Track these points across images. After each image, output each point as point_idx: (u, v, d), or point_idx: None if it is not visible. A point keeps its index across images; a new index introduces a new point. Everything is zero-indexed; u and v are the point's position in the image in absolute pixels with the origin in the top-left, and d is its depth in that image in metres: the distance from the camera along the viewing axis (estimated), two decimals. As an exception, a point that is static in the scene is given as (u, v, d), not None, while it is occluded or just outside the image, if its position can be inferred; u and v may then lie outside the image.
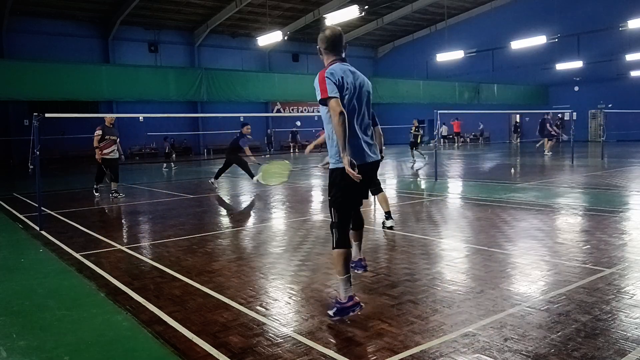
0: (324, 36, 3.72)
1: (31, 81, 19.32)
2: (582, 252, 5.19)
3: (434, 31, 38.48)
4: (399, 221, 7.54)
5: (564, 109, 28.74)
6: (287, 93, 27.83)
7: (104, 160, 10.79)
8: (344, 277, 3.51)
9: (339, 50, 3.73)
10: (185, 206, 9.88)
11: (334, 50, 3.71)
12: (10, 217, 8.80)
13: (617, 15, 26.17)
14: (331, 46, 3.71)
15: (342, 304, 3.48)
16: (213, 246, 6.14)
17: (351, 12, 18.90)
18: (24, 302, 4.25)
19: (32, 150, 7.55)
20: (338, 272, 3.56)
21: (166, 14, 29.77)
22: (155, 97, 23.85)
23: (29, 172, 8.26)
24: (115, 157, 10.97)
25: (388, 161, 20.60)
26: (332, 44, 3.70)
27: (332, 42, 3.70)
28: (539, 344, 3.04)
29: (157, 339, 3.34)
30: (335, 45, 3.71)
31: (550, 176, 12.99)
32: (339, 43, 3.71)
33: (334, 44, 3.70)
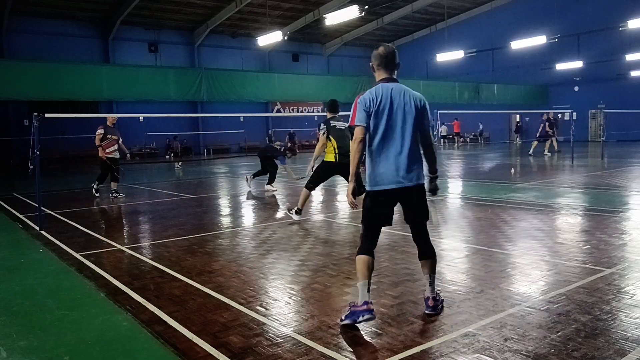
0: (377, 53, 3.64)
1: (31, 81, 19.34)
2: (582, 252, 5.19)
3: (434, 31, 38.48)
4: (398, 221, 7.54)
5: (564, 109, 28.75)
6: (287, 93, 27.86)
7: (108, 159, 10.89)
8: (361, 283, 3.50)
9: (390, 69, 3.65)
10: (185, 206, 9.88)
11: (385, 68, 3.64)
12: (10, 217, 8.80)
13: (617, 15, 26.16)
14: (383, 64, 3.63)
15: (355, 307, 3.44)
16: (213, 246, 6.14)
17: (351, 12, 18.91)
18: (24, 302, 4.25)
19: (32, 150, 7.56)
20: (358, 277, 3.56)
21: (166, 14, 29.75)
22: (155, 97, 23.87)
23: (29, 172, 8.27)
24: (117, 157, 11.05)
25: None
26: (383, 62, 3.62)
27: (384, 59, 3.62)
28: (539, 344, 3.04)
29: (157, 339, 3.34)
30: (387, 64, 3.63)
31: (550, 176, 12.99)
32: (391, 61, 3.63)
33: (386, 61, 3.62)
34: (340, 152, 7.20)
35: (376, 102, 3.53)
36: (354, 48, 41.24)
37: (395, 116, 3.55)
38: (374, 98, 3.55)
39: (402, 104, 3.56)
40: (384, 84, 3.61)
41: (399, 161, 3.55)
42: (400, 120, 3.56)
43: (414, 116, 3.57)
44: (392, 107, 3.55)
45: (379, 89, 3.59)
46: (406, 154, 3.56)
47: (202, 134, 33.26)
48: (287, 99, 30.89)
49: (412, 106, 3.58)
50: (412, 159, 3.58)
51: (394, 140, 3.57)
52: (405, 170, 3.56)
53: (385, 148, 3.57)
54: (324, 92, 28.87)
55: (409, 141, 3.57)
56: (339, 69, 39.20)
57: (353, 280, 4.45)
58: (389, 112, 3.54)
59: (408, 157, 3.56)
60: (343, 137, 7.24)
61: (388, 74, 3.65)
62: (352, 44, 40.31)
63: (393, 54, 3.63)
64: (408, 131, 3.57)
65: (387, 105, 3.54)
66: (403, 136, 3.56)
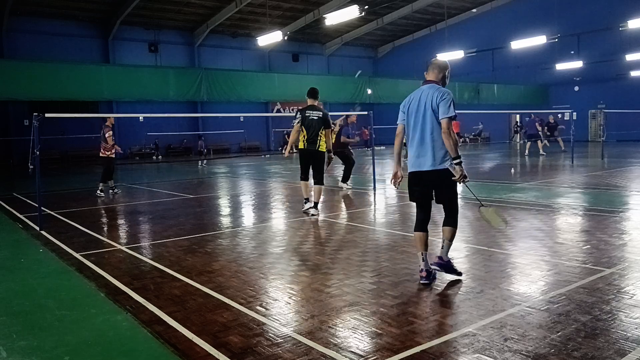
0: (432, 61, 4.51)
1: (31, 81, 19.34)
2: (582, 252, 5.19)
3: (434, 31, 38.48)
4: (399, 221, 7.54)
5: (564, 109, 28.75)
6: (287, 93, 27.85)
7: (110, 159, 11.50)
8: (419, 253, 4.33)
9: (427, 73, 4.42)
10: (185, 206, 9.88)
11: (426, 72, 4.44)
12: (10, 217, 8.80)
13: (617, 15, 26.17)
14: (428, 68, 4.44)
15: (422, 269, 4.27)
16: (213, 246, 6.14)
17: (351, 12, 18.89)
18: (24, 302, 4.25)
19: (32, 150, 7.55)
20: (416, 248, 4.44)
21: (166, 14, 29.75)
22: (155, 97, 23.87)
23: (29, 172, 8.27)
24: (114, 156, 11.73)
25: (387, 161, 20.61)
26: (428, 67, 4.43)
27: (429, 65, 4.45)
28: (539, 344, 3.04)
29: (157, 339, 3.34)
30: (427, 68, 4.44)
31: (550, 176, 12.99)
32: (428, 66, 4.43)
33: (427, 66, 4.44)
34: (309, 140, 7.96)
35: (407, 102, 4.41)
36: (354, 48, 41.25)
37: (417, 112, 4.29)
38: (407, 99, 4.42)
39: (421, 101, 4.27)
40: (421, 87, 4.37)
41: (419, 149, 4.29)
42: (421, 116, 4.26)
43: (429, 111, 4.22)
44: (415, 105, 4.31)
45: (415, 91, 4.41)
46: (424, 143, 4.26)
47: (202, 134, 33.28)
48: (287, 99, 30.88)
49: (429, 103, 4.21)
50: (429, 148, 4.24)
51: (415, 132, 4.32)
52: (421, 157, 4.28)
53: (411, 138, 4.37)
54: (324, 92, 28.74)
55: (425, 132, 4.25)
56: (339, 69, 39.20)
57: (353, 280, 4.45)
58: (414, 109, 4.32)
59: (426, 145, 4.25)
60: (313, 126, 7.97)
61: (427, 77, 4.41)
62: (352, 44, 40.31)
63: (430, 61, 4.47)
64: (426, 124, 4.24)
65: (413, 104, 4.33)
66: (422, 128, 4.26)
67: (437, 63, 4.42)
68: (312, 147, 7.95)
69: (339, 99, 29.09)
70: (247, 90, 25.50)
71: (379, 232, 6.78)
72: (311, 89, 8.36)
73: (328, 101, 32.42)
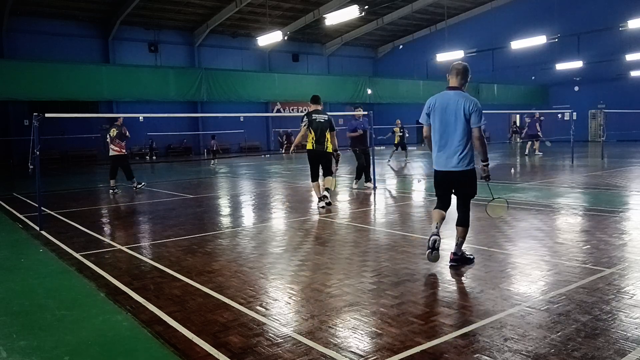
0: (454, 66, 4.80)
1: (31, 81, 19.32)
2: (582, 252, 5.19)
3: (434, 31, 38.48)
4: (399, 221, 7.54)
5: (564, 109, 28.75)
6: (287, 93, 27.84)
7: (125, 155, 12.20)
8: (433, 223, 4.77)
9: (450, 77, 4.75)
10: (185, 206, 9.88)
11: (449, 75, 4.77)
12: (10, 217, 8.80)
13: (617, 15, 26.17)
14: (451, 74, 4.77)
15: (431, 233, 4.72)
16: (213, 246, 6.14)
17: (351, 12, 18.89)
18: (24, 302, 4.25)
19: (32, 150, 7.55)
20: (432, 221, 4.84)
21: (166, 14, 29.75)
22: (155, 97, 23.86)
23: (29, 172, 8.28)
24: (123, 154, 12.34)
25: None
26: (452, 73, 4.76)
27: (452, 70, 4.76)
28: (539, 344, 3.04)
29: (157, 339, 3.34)
30: (450, 72, 4.76)
31: (550, 176, 12.99)
32: (451, 70, 4.75)
33: (450, 71, 4.76)
34: (317, 141, 8.54)
35: (432, 105, 4.72)
36: (354, 48, 41.25)
37: (445, 116, 4.63)
38: (432, 101, 4.73)
39: (452, 108, 4.60)
40: (446, 92, 4.71)
41: (446, 151, 4.68)
42: (452, 121, 4.61)
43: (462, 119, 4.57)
44: (442, 109, 4.64)
45: (440, 94, 4.74)
46: (452, 145, 4.64)
47: (202, 134, 33.28)
48: (287, 99, 30.89)
49: (461, 111, 4.56)
50: (457, 150, 4.62)
51: (442, 134, 4.68)
52: (448, 157, 4.67)
53: (438, 139, 4.71)
54: (324, 92, 28.72)
55: (454, 136, 4.61)
56: (339, 69, 39.21)
57: (353, 280, 4.45)
58: (439, 113, 4.66)
59: (454, 148, 4.63)
60: (320, 128, 8.52)
61: (449, 83, 4.75)
62: (352, 44, 40.31)
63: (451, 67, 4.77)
64: (457, 129, 4.60)
65: (439, 108, 4.65)
66: (451, 132, 4.62)
67: (460, 70, 4.69)
68: (320, 147, 8.57)
69: (339, 99, 29.08)
70: (247, 90, 25.48)
71: (379, 232, 6.78)
72: (314, 96, 8.94)
73: (328, 101, 32.39)
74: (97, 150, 28.91)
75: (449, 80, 4.73)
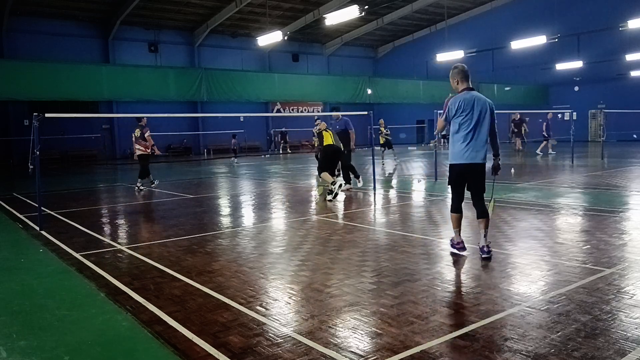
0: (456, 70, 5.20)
1: (31, 81, 19.32)
2: (582, 252, 5.19)
3: (434, 31, 38.47)
4: (399, 221, 7.54)
5: (564, 109, 28.74)
6: (287, 93, 27.84)
7: (148, 155, 12.61)
8: (455, 230, 5.26)
9: (465, 81, 5.20)
10: (185, 206, 9.88)
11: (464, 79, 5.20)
12: (10, 217, 8.80)
13: (617, 15, 26.16)
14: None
15: (454, 244, 5.28)
16: (213, 246, 6.14)
17: (351, 12, 18.88)
18: (24, 302, 4.25)
19: (32, 150, 7.55)
20: (452, 225, 5.30)
21: (166, 14, 29.75)
22: (155, 97, 23.85)
23: (29, 172, 8.28)
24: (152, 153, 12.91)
25: (387, 161, 20.60)
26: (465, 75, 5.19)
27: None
28: (539, 344, 3.04)
29: (157, 339, 3.34)
30: (465, 76, 5.20)
31: (550, 176, 12.99)
32: (467, 74, 5.21)
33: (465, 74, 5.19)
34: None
35: (462, 103, 5.05)
36: (354, 48, 41.24)
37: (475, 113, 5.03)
38: (460, 101, 5.05)
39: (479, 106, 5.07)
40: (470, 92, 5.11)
41: (473, 144, 5.05)
42: (481, 118, 5.06)
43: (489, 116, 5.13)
44: (470, 107, 5.03)
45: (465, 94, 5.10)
46: (480, 139, 5.05)
47: (202, 134, 33.28)
48: (287, 99, 30.90)
49: (486, 109, 5.11)
50: (483, 145, 5.08)
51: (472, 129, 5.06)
52: (477, 151, 5.06)
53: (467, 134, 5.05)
54: (324, 92, 28.91)
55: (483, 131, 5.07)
56: (339, 69, 39.21)
57: (353, 280, 4.45)
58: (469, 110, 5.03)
59: (481, 142, 5.06)
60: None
61: (468, 84, 5.20)
62: (352, 44, 40.31)
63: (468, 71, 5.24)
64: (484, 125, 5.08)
65: (468, 105, 5.03)
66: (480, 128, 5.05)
67: (468, 71, 5.20)
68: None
69: (339, 99, 29.06)
70: (247, 90, 25.47)
71: (379, 232, 6.78)
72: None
73: (328, 101, 32.43)
74: (97, 150, 28.94)
75: (462, 82, 5.15)
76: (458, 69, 5.17)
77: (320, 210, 8.75)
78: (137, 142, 12.57)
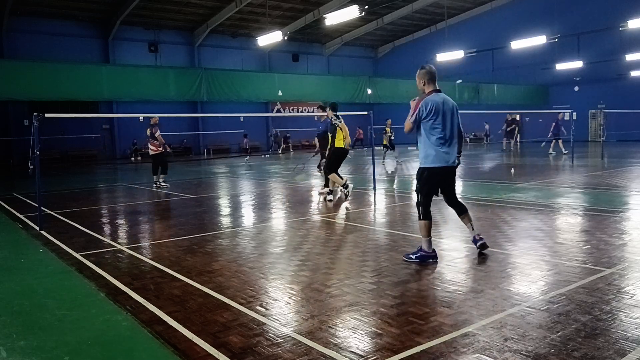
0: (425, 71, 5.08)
1: (31, 81, 19.32)
2: (582, 252, 5.19)
3: (434, 31, 38.47)
4: (399, 221, 7.54)
5: (564, 109, 28.74)
6: (287, 93, 27.84)
7: (160, 154, 12.78)
8: (427, 239, 4.98)
9: (434, 82, 5.07)
10: (185, 206, 9.88)
11: (433, 81, 5.07)
12: (10, 217, 8.80)
13: (617, 15, 26.16)
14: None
15: (426, 252, 4.96)
16: (213, 246, 6.14)
17: (351, 12, 18.89)
18: (24, 302, 4.25)
19: (32, 150, 7.55)
20: (423, 235, 5.01)
21: (166, 14, 29.75)
22: (155, 97, 23.85)
23: (29, 172, 8.28)
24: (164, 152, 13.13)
25: (387, 161, 20.60)
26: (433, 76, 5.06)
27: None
28: (539, 344, 3.04)
29: (157, 339, 3.34)
30: (434, 77, 5.07)
31: (550, 176, 12.98)
32: (435, 74, 5.08)
33: (433, 76, 5.06)
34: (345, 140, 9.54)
35: (435, 105, 4.92)
36: (354, 48, 41.23)
37: (446, 115, 4.96)
38: (433, 102, 4.93)
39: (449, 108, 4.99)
40: (439, 94, 5.01)
41: (448, 147, 5.00)
42: (451, 119, 5.00)
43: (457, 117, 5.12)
44: (441, 108, 4.93)
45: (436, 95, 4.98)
46: (453, 142, 5.04)
47: (202, 134, 33.27)
48: (287, 99, 30.89)
49: (454, 110, 5.06)
50: (455, 146, 5.06)
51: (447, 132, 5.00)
52: (450, 154, 5.01)
53: (444, 137, 4.97)
54: (324, 92, 28.88)
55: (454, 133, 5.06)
56: (339, 69, 39.20)
57: (353, 280, 4.45)
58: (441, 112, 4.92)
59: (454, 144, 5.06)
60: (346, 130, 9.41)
61: (436, 85, 5.05)
62: (352, 44, 40.30)
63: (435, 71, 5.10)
64: (454, 126, 5.06)
65: (439, 108, 4.91)
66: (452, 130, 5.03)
67: (436, 73, 5.08)
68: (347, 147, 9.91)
69: (339, 99, 28.96)
70: (247, 90, 25.47)
71: (379, 232, 6.78)
72: (332, 103, 10.10)
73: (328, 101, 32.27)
74: (97, 150, 28.94)
75: (429, 83, 5.04)
76: (426, 70, 5.06)
77: (320, 210, 8.75)
78: (149, 141, 12.95)
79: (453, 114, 5.02)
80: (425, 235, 4.99)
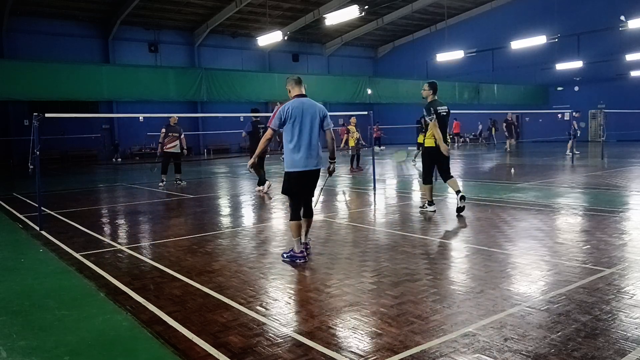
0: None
1: (31, 81, 19.30)
2: (582, 252, 5.19)
3: (434, 31, 38.45)
4: (399, 221, 7.54)
5: (564, 109, 28.74)
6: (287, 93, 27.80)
7: (168, 153, 12.87)
8: (297, 239, 5.15)
9: (301, 87, 5.28)
10: (185, 206, 9.88)
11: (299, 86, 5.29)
12: (10, 217, 8.80)
13: (617, 15, 26.15)
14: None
15: (295, 254, 5.13)
16: (213, 246, 6.14)
17: (351, 12, 18.88)
18: (24, 302, 4.25)
19: (32, 150, 7.55)
20: (292, 235, 5.21)
21: (166, 14, 29.74)
22: (155, 97, 23.84)
23: (29, 172, 8.29)
24: (178, 151, 13.03)
25: (388, 161, 20.60)
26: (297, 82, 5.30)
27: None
28: (539, 344, 3.04)
29: (157, 339, 3.34)
30: (298, 83, 5.29)
31: (550, 176, 12.98)
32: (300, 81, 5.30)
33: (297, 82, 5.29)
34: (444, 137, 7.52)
35: (293, 111, 5.06)
36: (354, 48, 41.22)
37: (305, 120, 5.06)
38: (292, 108, 5.07)
39: (309, 113, 5.09)
40: (300, 99, 5.16)
41: (308, 151, 5.09)
42: (310, 124, 5.07)
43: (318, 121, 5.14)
44: (300, 113, 5.05)
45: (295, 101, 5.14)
46: (312, 146, 5.10)
47: (202, 134, 33.27)
48: (287, 99, 30.84)
49: (317, 114, 5.10)
50: (316, 150, 5.14)
51: (305, 136, 5.08)
52: (311, 158, 5.13)
53: (301, 142, 5.08)
54: (324, 92, 28.85)
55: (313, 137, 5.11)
56: (339, 69, 39.20)
57: (353, 280, 4.45)
58: (300, 117, 5.04)
59: (314, 148, 5.12)
60: (445, 123, 7.53)
61: (301, 90, 5.24)
62: (352, 44, 40.29)
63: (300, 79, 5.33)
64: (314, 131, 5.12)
65: (298, 112, 5.04)
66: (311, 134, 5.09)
67: (301, 79, 5.30)
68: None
69: (339, 99, 29.06)
70: (247, 90, 25.46)
71: (379, 232, 6.78)
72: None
73: (328, 101, 32.36)
74: (97, 150, 28.92)
75: (294, 89, 5.22)
76: (291, 77, 5.30)
77: (320, 210, 8.74)
78: (169, 139, 13.06)
79: (313, 119, 5.05)
80: (295, 235, 5.15)
